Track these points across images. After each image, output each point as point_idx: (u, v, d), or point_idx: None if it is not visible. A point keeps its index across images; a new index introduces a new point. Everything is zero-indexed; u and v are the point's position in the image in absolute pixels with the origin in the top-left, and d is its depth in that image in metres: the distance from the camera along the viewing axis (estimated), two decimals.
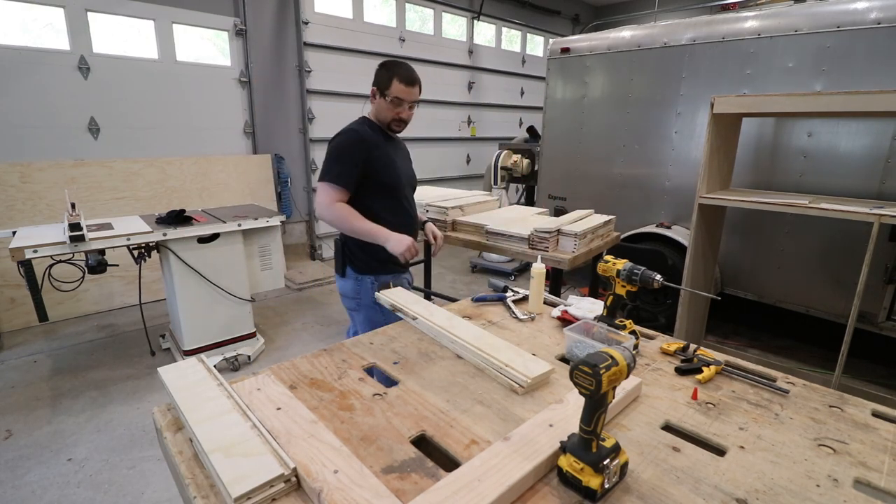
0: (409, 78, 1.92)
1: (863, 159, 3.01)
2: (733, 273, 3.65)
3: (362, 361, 1.31)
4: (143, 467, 2.39)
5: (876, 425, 1.05)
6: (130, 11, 4.37)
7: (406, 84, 1.91)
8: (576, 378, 0.81)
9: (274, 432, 0.94)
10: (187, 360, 1.22)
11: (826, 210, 2.47)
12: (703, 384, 1.21)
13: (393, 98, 1.91)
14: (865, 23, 2.91)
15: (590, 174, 4.48)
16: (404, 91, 1.91)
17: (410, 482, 0.85)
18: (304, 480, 0.83)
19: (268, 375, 1.18)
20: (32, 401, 2.93)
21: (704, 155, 2.79)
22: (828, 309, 3.23)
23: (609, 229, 3.01)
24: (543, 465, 0.87)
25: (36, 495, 2.20)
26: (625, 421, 1.05)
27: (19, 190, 3.92)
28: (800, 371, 3.12)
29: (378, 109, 1.99)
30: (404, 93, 1.92)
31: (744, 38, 3.38)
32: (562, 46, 4.49)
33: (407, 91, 1.92)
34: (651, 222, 4.00)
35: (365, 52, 6.13)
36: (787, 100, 2.54)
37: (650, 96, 3.96)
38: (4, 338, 3.79)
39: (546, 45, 8.48)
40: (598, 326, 1.36)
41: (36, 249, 2.63)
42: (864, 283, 2.37)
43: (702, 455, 0.94)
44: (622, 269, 1.38)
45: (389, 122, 1.98)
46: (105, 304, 4.36)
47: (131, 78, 4.40)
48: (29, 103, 3.94)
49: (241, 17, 5.06)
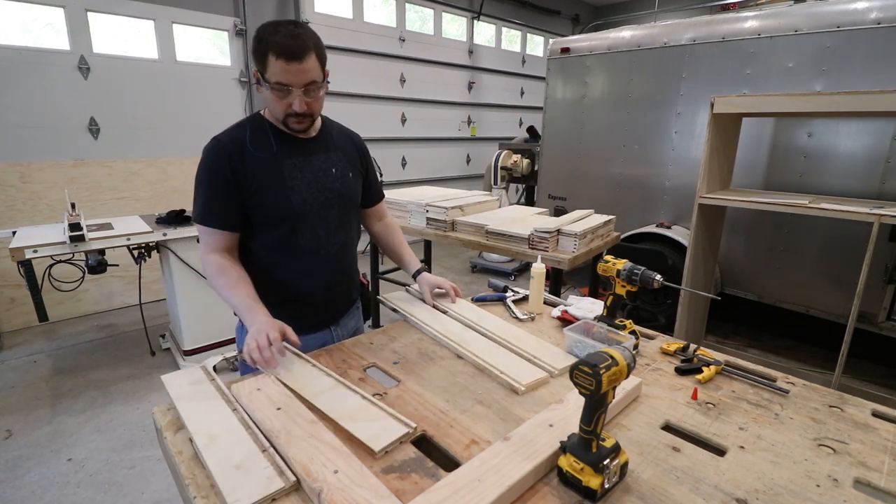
0: (291, 49, 1.17)
1: (863, 159, 3.01)
2: (733, 273, 3.65)
3: (362, 361, 1.31)
4: (143, 467, 2.39)
5: (876, 425, 1.05)
6: (130, 11, 4.37)
7: (287, 58, 1.17)
8: (576, 378, 0.81)
9: (274, 432, 0.94)
10: (190, 367, 1.21)
11: (826, 210, 2.47)
12: (703, 384, 1.21)
13: (274, 83, 1.20)
14: (865, 23, 2.91)
15: (590, 174, 4.48)
16: (286, 70, 1.18)
17: (410, 482, 0.85)
18: (304, 480, 0.83)
19: (268, 375, 1.18)
20: (32, 401, 2.93)
21: (704, 155, 2.79)
22: (828, 309, 3.23)
23: (609, 229, 3.01)
24: (543, 465, 0.87)
25: (36, 495, 2.20)
26: (625, 421, 1.05)
27: (19, 190, 3.92)
28: (800, 371, 3.12)
29: (266, 103, 1.32)
30: (287, 73, 1.19)
31: (744, 38, 3.38)
32: (562, 46, 4.49)
33: (291, 69, 1.18)
34: (651, 222, 4.00)
35: (365, 52, 6.14)
36: (787, 100, 2.54)
37: (650, 96, 3.96)
38: (4, 338, 3.79)
39: (546, 45, 8.48)
40: (598, 326, 1.36)
41: (36, 249, 2.64)
42: (864, 283, 2.37)
43: (702, 455, 0.94)
44: (622, 269, 1.38)
45: (284, 118, 1.29)
46: (105, 304, 4.36)
47: (131, 78, 4.40)
48: (29, 103, 3.94)
49: (241, 17, 5.06)
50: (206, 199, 1.30)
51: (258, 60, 1.21)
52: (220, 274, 1.30)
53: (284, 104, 1.25)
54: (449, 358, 1.34)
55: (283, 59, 1.17)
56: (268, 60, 1.19)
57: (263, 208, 1.32)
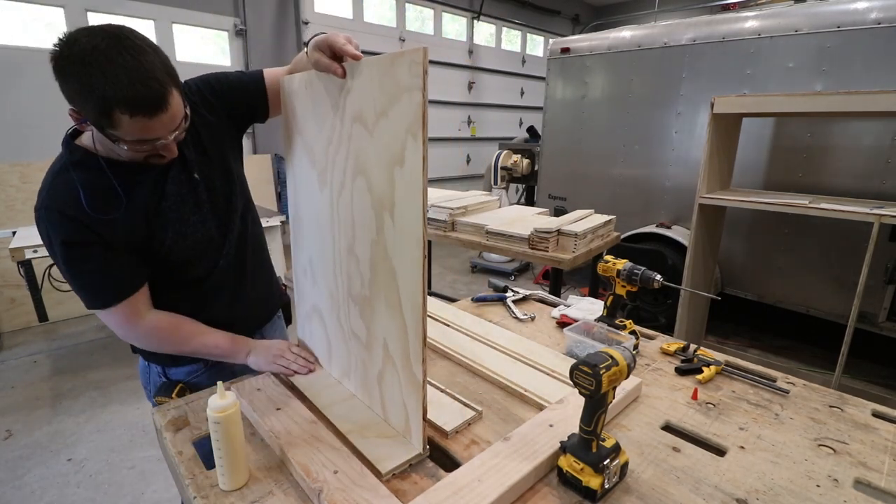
0: (148, 100, 0.86)
1: (863, 159, 3.01)
2: (733, 273, 3.65)
3: None
4: (143, 467, 2.39)
5: (876, 425, 1.05)
6: (130, 11, 4.38)
7: (146, 113, 0.86)
8: (576, 378, 0.81)
9: (274, 432, 0.94)
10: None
11: (826, 210, 2.47)
12: (703, 384, 1.21)
13: (133, 142, 0.91)
14: (865, 23, 2.91)
15: (590, 174, 4.48)
16: (149, 126, 0.89)
17: (410, 482, 0.85)
18: (304, 480, 0.83)
19: (268, 376, 1.18)
20: (32, 401, 2.93)
21: (704, 155, 2.79)
22: (828, 309, 3.23)
23: (609, 229, 3.01)
24: (543, 465, 0.87)
25: (36, 495, 2.20)
26: (625, 421, 1.05)
27: (19, 190, 3.92)
28: (800, 371, 3.12)
29: (107, 146, 0.96)
30: (151, 129, 0.89)
31: (744, 38, 3.38)
32: (562, 46, 4.49)
33: (157, 124, 0.89)
34: (651, 222, 4.00)
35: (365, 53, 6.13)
36: (787, 100, 2.54)
37: (650, 96, 3.96)
38: (4, 338, 3.79)
39: (546, 45, 8.48)
40: (598, 326, 1.36)
41: (36, 249, 2.64)
42: (864, 283, 2.37)
43: (702, 455, 0.94)
44: (622, 269, 1.38)
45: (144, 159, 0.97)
46: None
47: None
48: (29, 103, 3.95)
49: (241, 17, 5.07)
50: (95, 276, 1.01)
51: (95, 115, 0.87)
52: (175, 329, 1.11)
53: (146, 151, 0.94)
54: (448, 358, 1.33)
55: (141, 114, 0.86)
56: (114, 117, 0.85)
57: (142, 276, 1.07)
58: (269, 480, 0.87)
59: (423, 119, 0.73)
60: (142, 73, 0.85)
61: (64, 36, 0.87)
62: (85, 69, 0.84)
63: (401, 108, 0.78)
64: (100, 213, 0.96)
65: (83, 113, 0.90)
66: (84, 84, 0.85)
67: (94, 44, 0.85)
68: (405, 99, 0.76)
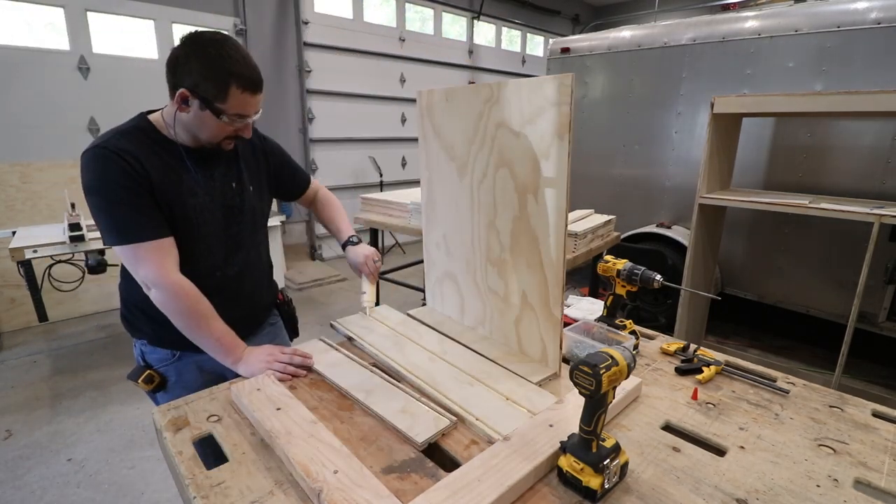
0: (256, 79, 1.14)
1: (863, 159, 3.01)
2: (733, 273, 3.65)
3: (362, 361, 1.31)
4: (143, 467, 2.39)
5: (876, 425, 1.05)
6: (130, 11, 4.37)
7: (253, 91, 1.13)
8: (576, 378, 0.81)
9: (274, 432, 0.94)
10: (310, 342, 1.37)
11: (826, 210, 2.47)
12: (704, 384, 1.21)
13: (233, 115, 1.13)
14: (865, 23, 2.91)
15: (590, 174, 4.48)
16: (250, 102, 1.14)
17: (410, 482, 0.85)
18: (304, 480, 0.83)
19: (268, 375, 1.18)
20: (32, 401, 2.93)
21: (704, 155, 2.79)
22: (828, 309, 3.23)
23: (609, 229, 3.01)
24: (543, 465, 0.87)
25: (36, 495, 2.20)
26: (625, 421, 1.05)
27: (19, 190, 3.92)
28: (800, 371, 3.12)
29: (198, 125, 1.15)
30: (251, 105, 1.15)
31: (744, 38, 3.38)
32: (562, 46, 4.49)
33: (254, 101, 1.15)
34: (651, 222, 4.00)
35: (365, 52, 6.14)
36: (787, 100, 2.54)
37: (650, 96, 3.96)
38: (4, 338, 3.79)
39: (546, 45, 8.48)
40: (598, 326, 1.36)
41: (36, 249, 2.64)
42: (864, 283, 2.37)
43: (702, 455, 0.94)
44: (622, 269, 1.38)
45: (219, 142, 1.19)
46: (105, 304, 4.36)
47: (131, 78, 4.40)
48: (29, 103, 3.95)
49: (241, 17, 5.07)
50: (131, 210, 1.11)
51: (212, 88, 1.08)
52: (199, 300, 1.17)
53: (228, 130, 1.16)
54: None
55: (250, 92, 1.12)
56: (230, 91, 1.09)
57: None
58: (269, 480, 0.87)
59: (569, 125, 1.01)
60: (253, 63, 1.14)
61: (184, 35, 1.12)
62: (213, 51, 1.08)
63: (548, 117, 1.04)
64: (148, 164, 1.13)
65: (199, 90, 1.09)
66: (210, 63, 1.08)
67: (218, 38, 1.11)
68: (554, 110, 1.02)
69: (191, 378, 1.31)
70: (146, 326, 1.29)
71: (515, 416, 1.02)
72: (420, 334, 1.41)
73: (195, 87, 1.09)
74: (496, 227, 1.26)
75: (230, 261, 1.31)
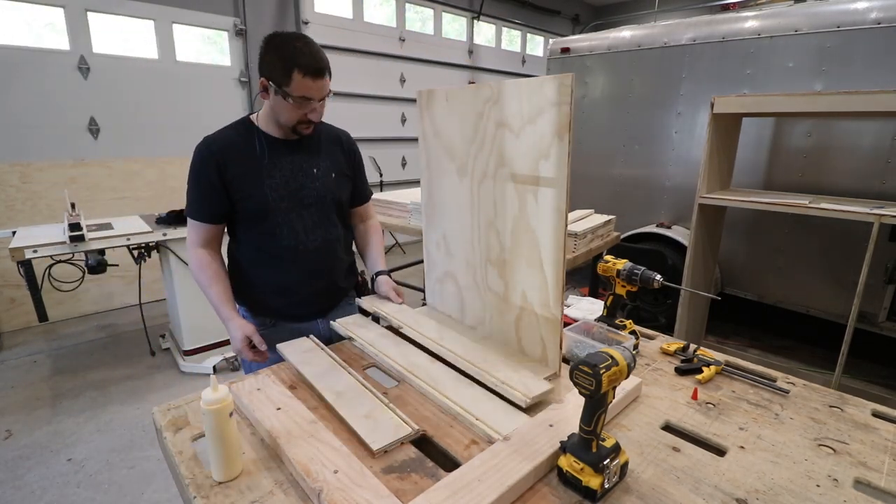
0: (317, 67, 1.31)
1: (863, 159, 3.01)
2: (733, 273, 3.65)
3: (362, 361, 1.31)
4: (143, 467, 2.39)
5: (876, 425, 1.05)
6: (130, 11, 4.37)
7: (313, 76, 1.31)
8: (576, 378, 0.81)
9: (274, 432, 0.94)
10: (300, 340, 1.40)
11: (826, 210, 2.47)
12: (703, 384, 1.21)
13: (298, 97, 1.32)
14: (865, 23, 2.91)
15: (590, 174, 4.48)
16: (311, 86, 1.32)
17: (410, 482, 0.85)
18: (304, 480, 0.83)
19: (267, 375, 1.18)
20: (32, 401, 2.93)
21: (704, 155, 2.79)
22: (828, 309, 3.23)
23: (609, 229, 3.01)
24: (543, 465, 0.87)
25: (36, 495, 2.20)
26: (625, 421, 1.05)
27: (19, 190, 3.92)
28: (800, 371, 3.12)
29: (276, 110, 1.39)
30: (314, 88, 1.33)
31: (744, 38, 3.38)
32: (562, 46, 4.49)
33: (316, 85, 1.33)
34: (651, 222, 4.00)
35: (365, 52, 6.14)
36: (787, 100, 2.54)
37: (650, 96, 3.96)
38: (4, 338, 3.79)
39: (546, 45, 8.48)
40: (598, 326, 1.36)
41: (36, 249, 2.64)
42: (864, 283, 2.37)
43: (702, 455, 0.94)
44: (622, 269, 1.38)
45: (295, 125, 1.40)
46: (105, 304, 4.36)
47: (131, 78, 4.40)
48: (29, 103, 3.94)
49: (241, 17, 5.06)
50: (195, 195, 1.43)
51: (279, 73, 1.30)
52: (201, 269, 1.44)
53: (300, 114, 1.37)
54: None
55: (311, 76, 1.31)
56: (293, 76, 1.29)
57: (244, 204, 1.42)
58: (269, 480, 0.87)
59: (569, 125, 1.00)
60: (316, 53, 1.32)
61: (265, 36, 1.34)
62: (283, 45, 1.30)
63: (548, 117, 1.04)
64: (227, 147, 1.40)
65: (271, 77, 1.32)
66: (280, 54, 1.29)
67: (292, 35, 1.33)
68: (554, 110, 1.02)
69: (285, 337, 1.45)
70: (247, 296, 1.53)
71: (515, 416, 1.02)
72: (420, 334, 1.42)
73: (270, 75, 1.32)
74: (496, 227, 1.26)
75: (310, 237, 1.49)
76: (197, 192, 1.42)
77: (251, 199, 1.41)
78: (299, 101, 1.33)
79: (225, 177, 1.39)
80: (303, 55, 1.29)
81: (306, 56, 1.29)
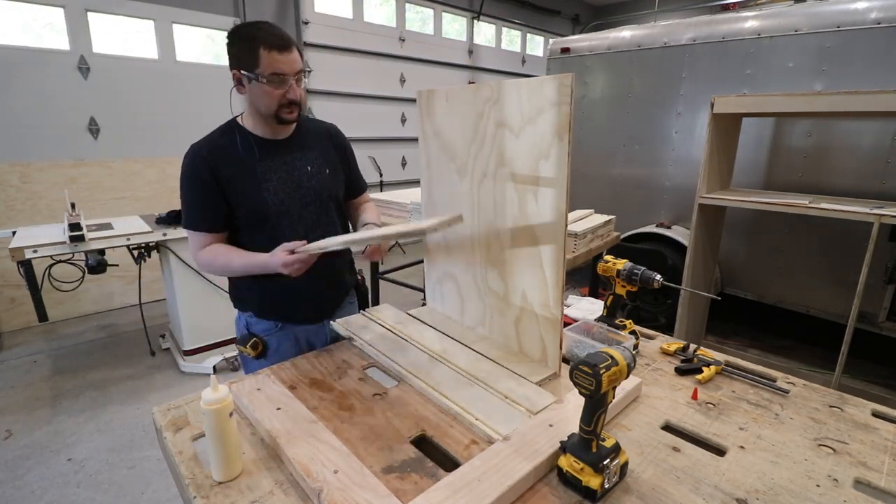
0: (281, 40, 1.28)
1: (863, 159, 3.01)
2: (733, 273, 3.65)
3: (362, 361, 1.31)
4: (143, 467, 2.39)
5: (876, 425, 1.05)
6: (130, 11, 4.37)
7: (279, 50, 1.27)
8: (576, 378, 0.81)
9: (274, 432, 0.94)
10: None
11: (826, 210, 2.47)
12: (703, 384, 1.21)
13: (269, 75, 1.27)
14: (865, 23, 2.91)
15: (590, 174, 4.48)
16: (280, 60, 1.27)
17: (410, 482, 0.85)
18: (304, 480, 0.83)
19: (268, 375, 1.18)
20: (32, 401, 2.93)
21: (704, 155, 2.79)
22: (828, 309, 3.23)
23: (609, 229, 3.01)
24: (543, 465, 0.87)
25: (36, 495, 2.20)
26: (625, 421, 1.05)
27: (19, 190, 3.91)
28: (800, 371, 3.12)
29: (254, 100, 1.34)
30: (283, 62, 1.28)
31: (744, 38, 3.38)
32: (562, 46, 4.49)
33: (285, 59, 1.28)
34: (651, 222, 4.00)
35: (365, 52, 6.14)
36: (787, 100, 2.54)
37: (650, 96, 3.96)
38: (4, 338, 3.79)
39: (546, 45, 8.48)
40: (598, 326, 1.36)
41: (36, 249, 2.64)
42: (864, 283, 2.37)
43: (702, 455, 0.94)
44: (622, 269, 1.38)
45: (277, 110, 1.34)
46: (105, 304, 4.36)
47: (131, 78, 4.40)
48: (29, 103, 3.94)
49: (241, 17, 5.07)
50: (191, 205, 1.39)
51: (246, 58, 1.28)
52: (215, 259, 1.40)
53: (278, 95, 1.31)
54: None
55: (276, 50, 1.27)
56: (259, 54, 1.27)
57: (242, 209, 1.39)
58: (269, 480, 0.87)
59: (569, 125, 1.00)
60: (278, 30, 1.30)
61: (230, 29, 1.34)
62: (244, 31, 1.29)
63: (548, 117, 1.04)
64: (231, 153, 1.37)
65: (240, 64, 1.29)
66: (243, 39, 1.28)
67: (252, 22, 1.31)
68: (554, 111, 1.02)
69: (287, 347, 1.50)
70: (254, 301, 1.50)
71: (515, 416, 1.02)
72: (420, 334, 1.41)
73: (239, 63, 1.30)
74: (496, 227, 1.26)
75: (311, 236, 1.41)
76: (193, 199, 1.37)
77: (250, 205, 1.38)
78: (273, 79, 1.28)
79: (219, 180, 1.35)
80: (265, 33, 1.28)
81: (268, 33, 1.28)
